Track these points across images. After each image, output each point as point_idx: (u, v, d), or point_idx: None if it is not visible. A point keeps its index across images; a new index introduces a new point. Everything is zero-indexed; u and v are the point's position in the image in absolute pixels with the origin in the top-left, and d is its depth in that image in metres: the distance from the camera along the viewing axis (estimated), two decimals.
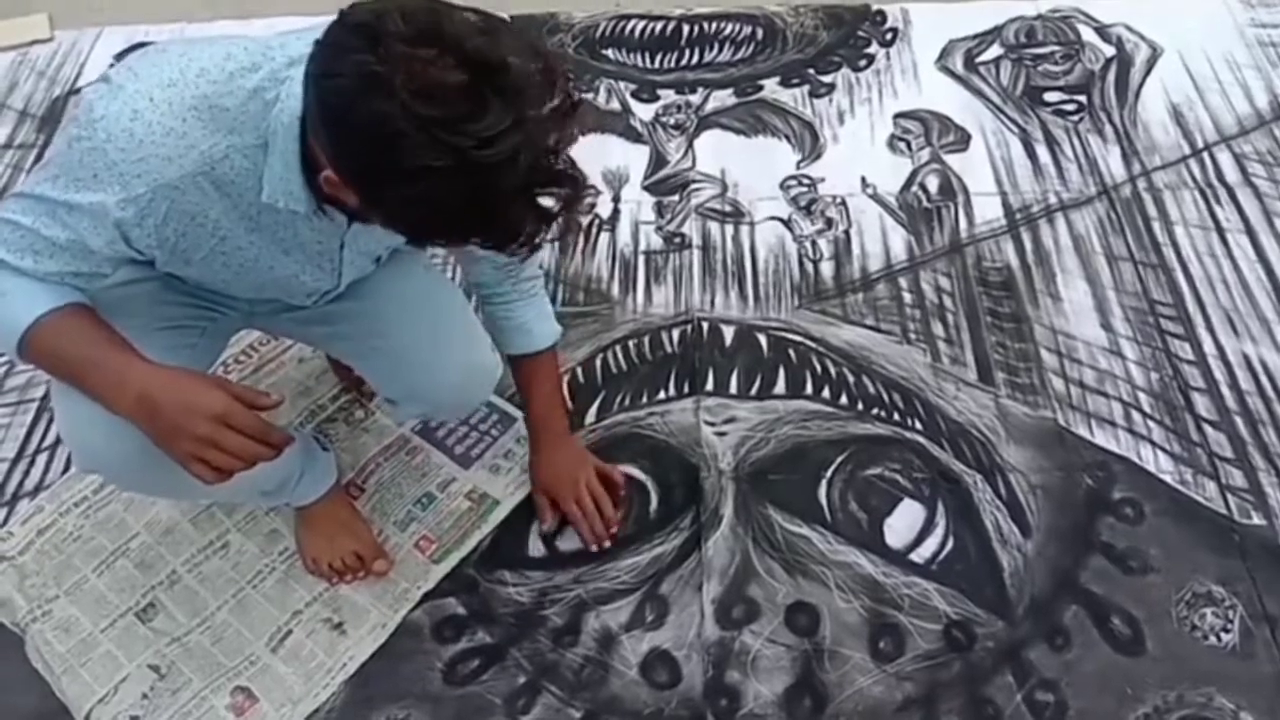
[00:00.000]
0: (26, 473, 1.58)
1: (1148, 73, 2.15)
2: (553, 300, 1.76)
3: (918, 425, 1.59)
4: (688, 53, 2.26)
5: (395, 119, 0.82)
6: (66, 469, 1.57)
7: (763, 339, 1.71)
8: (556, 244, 1.84)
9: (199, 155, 0.98)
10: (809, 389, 1.64)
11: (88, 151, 0.97)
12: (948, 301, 1.76)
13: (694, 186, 1.98)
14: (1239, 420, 1.58)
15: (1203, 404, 1.60)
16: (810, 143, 2.05)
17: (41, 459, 1.59)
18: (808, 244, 1.87)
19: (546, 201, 0.89)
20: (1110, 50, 2.20)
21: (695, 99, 2.15)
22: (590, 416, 1.62)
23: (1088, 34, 2.24)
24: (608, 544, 1.46)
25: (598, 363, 1.69)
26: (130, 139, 0.96)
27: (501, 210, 0.88)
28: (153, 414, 1.02)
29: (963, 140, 2.03)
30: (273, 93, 0.97)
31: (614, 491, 1.50)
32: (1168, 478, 1.51)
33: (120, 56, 2.26)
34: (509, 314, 1.37)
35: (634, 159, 2.03)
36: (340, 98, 0.85)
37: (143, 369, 1.04)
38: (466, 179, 0.84)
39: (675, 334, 1.73)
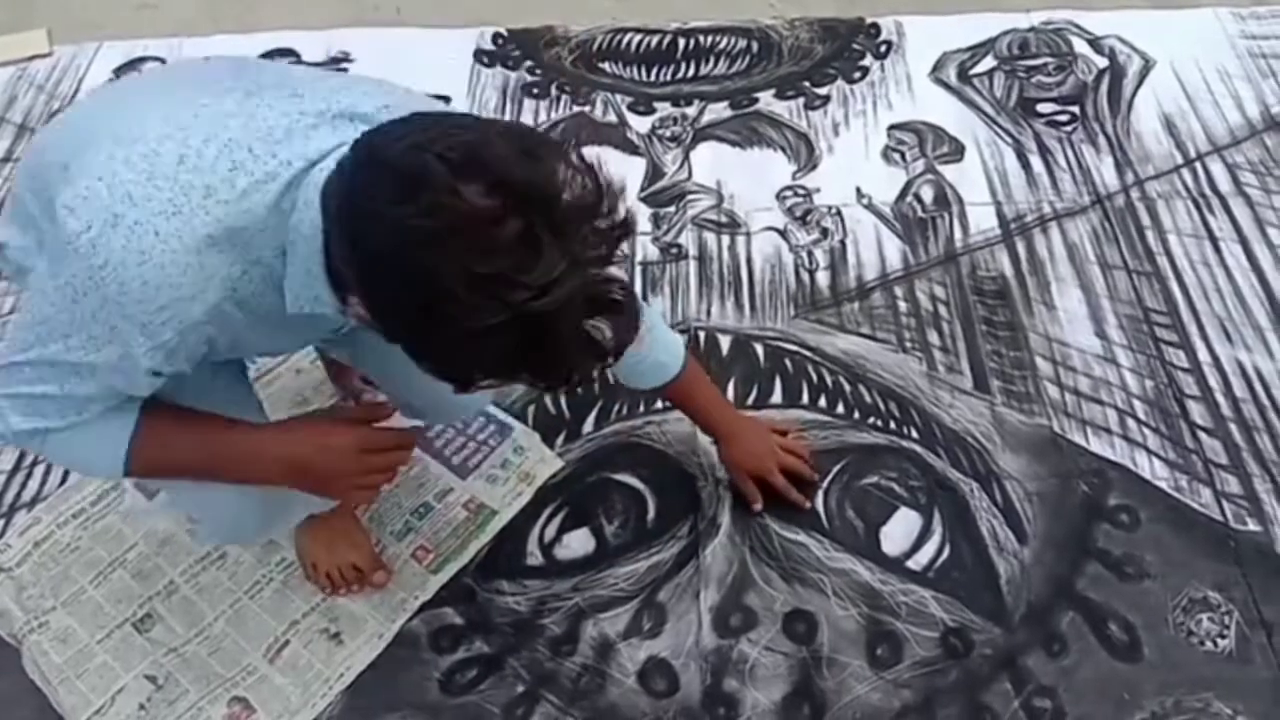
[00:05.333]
0: (24, 484, 1.58)
1: (1140, 84, 2.17)
2: None
3: (914, 433, 1.59)
4: (684, 66, 2.27)
5: (443, 278, 0.75)
6: (64, 481, 1.57)
7: (759, 348, 1.72)
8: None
9: (220, 283, 0.90)
10: (805, 398, 1.64)
11: (100, 307, 0.89)
12: (943, 310, 1.77)
13: (690, 198, 1.99)
14: (1234, 427, 1.59)
15: (1197, 411, 1.61)
16: (806, 154, 2.06)
17: (39, 470, 1.59)
18: (803, 254, 1.88)
19: (600, 332, 0.82)
20: (1103, 62, 2.22)
21: (691, 111, 2.16)
22: (588, 425, 1.62)
23: (1080, 46, 2.26)
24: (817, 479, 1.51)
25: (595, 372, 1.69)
26: (145, 287, 0.87)
27: (557, 352, 0.81)
28: (302, 472, 1.06)
29: (957, 151, 2.05)
30: (288, 200, 0.89)
31: (785, 433, 1.53)
32: (1163, 484, 1.52)
33: (120, 70, 2.28)
34: (640, 358, 1.31)
35: (630, 171, 2.04)
36: (378, 249, 0.78)
37: (269, 436, 1.07)
38: (520, 330, 0.78)
39: None
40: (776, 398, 1.65)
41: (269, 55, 2.31)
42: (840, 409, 1.63)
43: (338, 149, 0.89)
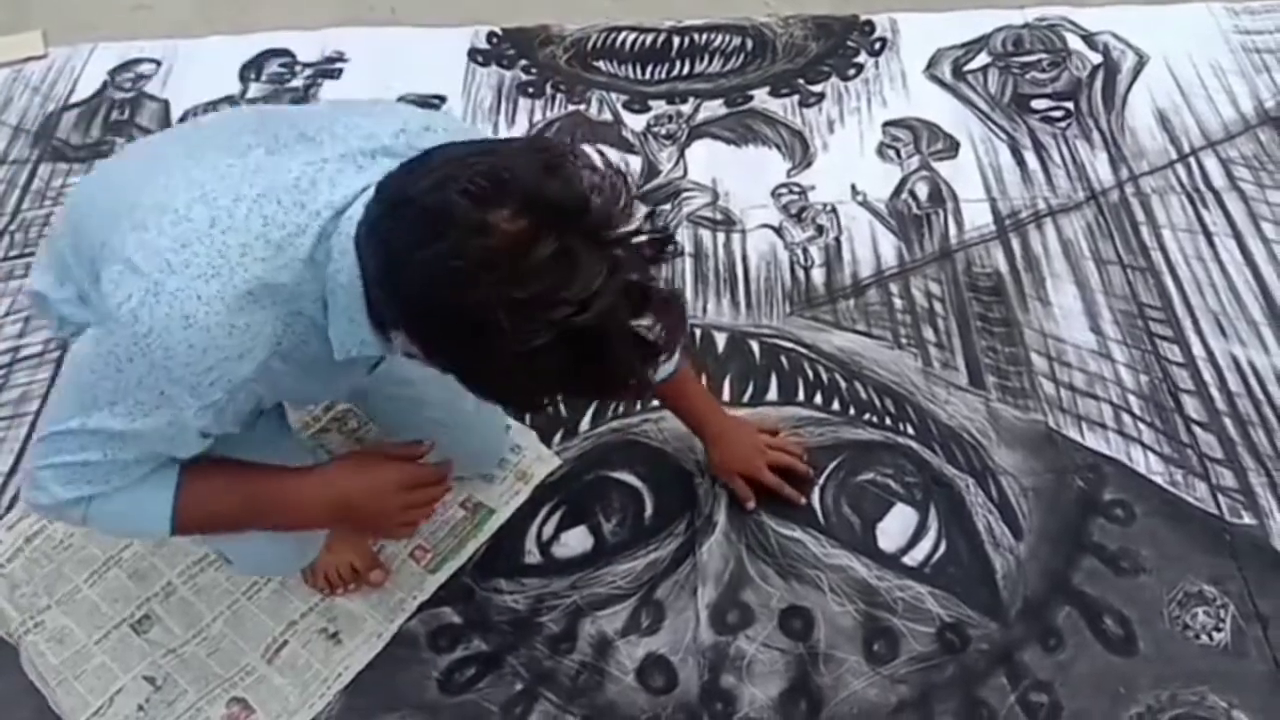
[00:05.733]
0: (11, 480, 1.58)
1: (1134, 79, 2.17)
2: None
3: (909, 430, 1.59)
4: (678, 64, 2.27)
5: (484, 310, 0.76)
6: None
7: (754, 346, 1.72)
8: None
9: (265, 339, 0.91)
10: (801, 395, 1.65)
11: (147, 373, 0.89)
12: (938, 307, 1.77)
13: (685, 195, 1.99)
14: (1228, 421, 1.59)
15: (1192, 405, 1.61)
16: (801, 151, 2.06)
17: None
18: (799, 251, 1.88)
19: (647, 331, 0.82)
20: (1097, 58, 2.22)
21: (686, 109, 2.16)
22: (585, 424, 1.62)
23: (1074, 42, 2.26)
24: (811, 475, 1.51)
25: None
26: (192, 351, 0.88)
27: (610, 361, 0.81)
28: (349, 514, 1.08)
29: (951, 148, 2.05)
30: (322, 252, 0.90)
31: (775, 433, 1.54)
32: (1158, 479, 1.52)
33: (115, 72, 2.28)
34: None
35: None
36: (418, 294, 0.79)
37: (313, 481, 1.08)
38: (570, 346, 0.77)
39: None
40: (772, 395, 1.65)
41: (264, 56, 2.31)
42: (836, 405, 1.63)
43: (363, 192, 0.90)
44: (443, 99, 2.18)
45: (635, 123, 2.14)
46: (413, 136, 0.97)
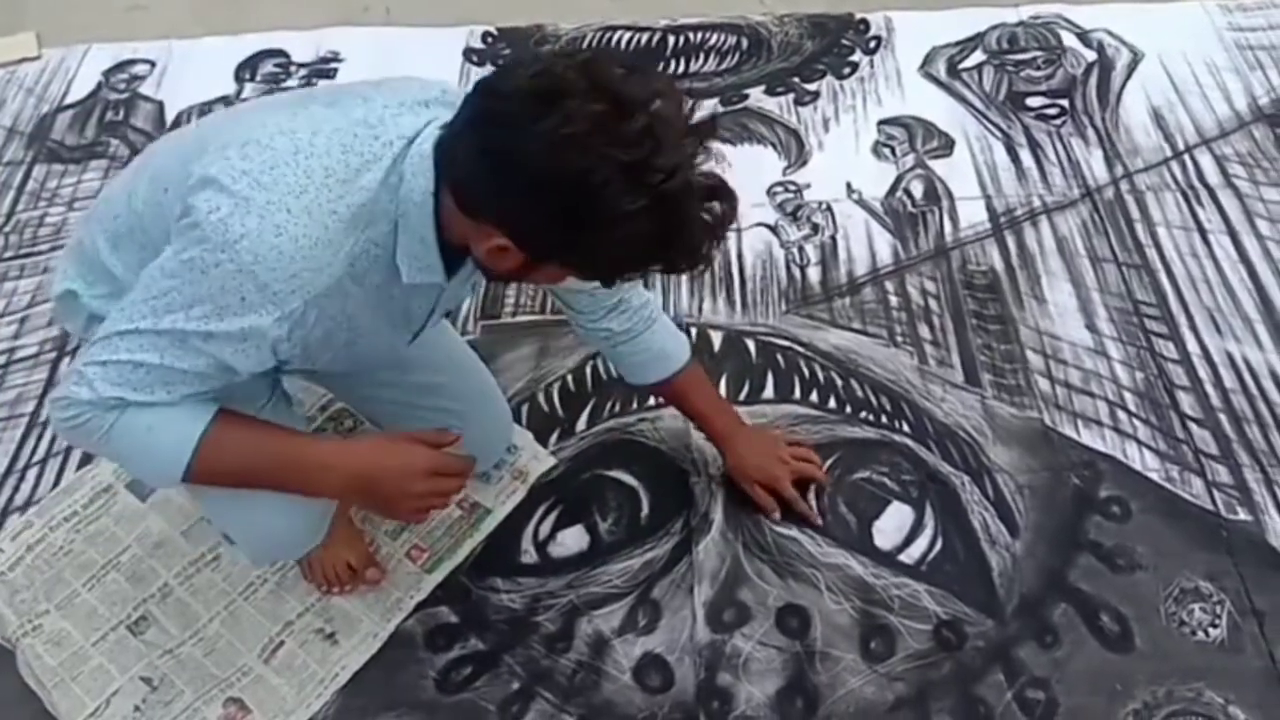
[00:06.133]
0: (16, 488, 1.58)
1: (1129, 77, 2.17)
2: (542, 310, 1.78)
3: (905, 428, 1.60)
4: (673, 63, 2.27)
5: (597, 171, 0.85)
6: (56, 483, 1.57)
7: (751, 344, 1.72)
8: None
9: (345, 257, 0.97)
10: (797, 393, 1.65)
11: (232, 275, 0.94)
12: (933, 305, 1.77)
13: None
14: (1223, 418, 1.59)
15: (1187, 402, 1.61)
16: (796, 150, 2.07)
17: (31, 474, 1.59)
18: (794, 249, 1.88)
19: (713, 216, 0.93)
20: (1091, 55, 2.23)
21: None
22: (582, 424, 1.62)
23: (1069, 39, 2.26)
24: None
25: (588, 370, 1.69)
26: (280, 257, 0.93)
27: (687, 232, 0.91)
28: (371, 488, 1.09)
29: (946, 145, 2.05)
30: (395, 176, 0.97)
31: (808, 450, 1.53)
32: (1154, 475, 1.53)
33: (110, 73, 2.28)
34: (644, 346, 1.37)
35: None
36: (535, 162, 0.86)
37: (340, 449, 1.12)
38: (659, 212, 0.88)
39: None
40: (768, 393, 1.65)
41: (258, 56, 2.31)
42: (832, 404, 1.63)
43: (429, 125, 0.98)
44: None
45: None
46: (453, 95, 1.03)
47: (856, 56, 2.26)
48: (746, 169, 2.02)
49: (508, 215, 0.93)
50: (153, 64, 2.31)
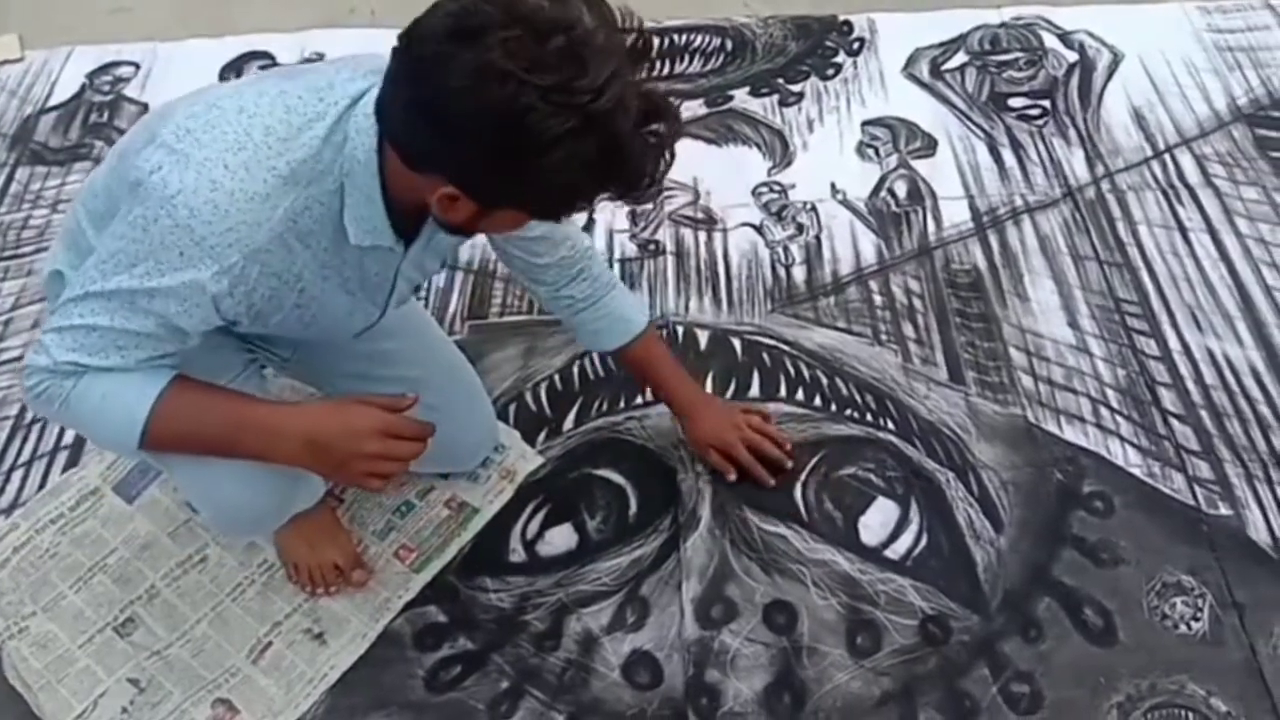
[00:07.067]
0: (1, 490, 1.57)
1: (1109, 77, 2.19)
2: (529, 310, 1.78)
3: (890, 425, 1.61)
4: (658, 64, 2.28)
5: (520, 97, 0.84)
6: (42, 486, 1.57)
7: (736, 343, 1.73)
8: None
9: (283, 213, 0.98)
10: (783, 391, 1.66)
11: (169, 230, 0.95)
12: (917, 303, 1.79)
13: (667, 194, 1.99)
14: (1204, 414, 1.61)
15: (1169, 398, 1.63)
16: (781, 150, 2.08)
17: (16, 476, 1.58)
18: (780, 249, 1.89)
19: (656, 136, 0.92)
20: (1073, 56, 2.25)
21: None
22: (569, 422, 1.63)
23: (1050, 40, 2.29)
24: (789, 464, 1.52)
25: (575, 369, 1.70)
26: (215, 210, 0.95)
27: (627, 153, 0.90)
28: (323, 451, 1.08)
29: (929, 146, 2.07)
30: (340, 135, 0.98)
31: (766, 417, 1.56)
32: (1136, 471, 1.54)
33: (93, 75, 2.27)
34: (604, 310, 1.40)
35: None
36: (460, 101, 0.86)
37: (294, 413, 1.11)
38: (592, 133, 0.87)
39: None
40: (754, 391, 1.66)
41: (243, 58, 2.31)
42: (817, 401, 1.64)
43: (372, 89, 0.98)
44: None
45: None
46: None
47: (840, 58, 2.27)
48: (731, 169, 2.04)
49: (448, 162, 0.93)
50: (137, 66, 2.30)
